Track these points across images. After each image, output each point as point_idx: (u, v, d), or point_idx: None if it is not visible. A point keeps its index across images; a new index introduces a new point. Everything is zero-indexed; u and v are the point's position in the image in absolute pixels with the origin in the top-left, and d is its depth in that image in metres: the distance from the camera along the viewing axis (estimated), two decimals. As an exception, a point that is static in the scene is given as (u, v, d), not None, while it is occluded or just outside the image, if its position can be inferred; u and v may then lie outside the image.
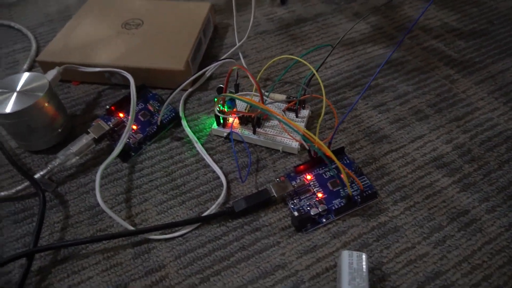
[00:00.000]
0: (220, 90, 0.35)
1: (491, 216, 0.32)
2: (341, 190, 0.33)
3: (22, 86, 0.36)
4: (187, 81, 0.36)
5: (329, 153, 0.30)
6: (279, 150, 0.37)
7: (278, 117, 0.29)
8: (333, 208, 0.32)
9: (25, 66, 0.47)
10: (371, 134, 0.38)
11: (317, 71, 0.32)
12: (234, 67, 0.30)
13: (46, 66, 0.44)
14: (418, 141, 0.38)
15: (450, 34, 0.50)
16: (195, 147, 0.38)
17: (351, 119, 0.40)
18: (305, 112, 0.39)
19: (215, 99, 0.36)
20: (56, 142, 0.38)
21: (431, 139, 0.38)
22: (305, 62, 0.33)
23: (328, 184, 0.34)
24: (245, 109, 0.38)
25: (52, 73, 0.39)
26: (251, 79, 0.31)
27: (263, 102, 0.32)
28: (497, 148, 0.37)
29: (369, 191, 0.33)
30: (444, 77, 0.44)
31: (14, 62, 0.49)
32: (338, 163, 0.30)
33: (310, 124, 0.39)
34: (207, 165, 0.37)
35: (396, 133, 0.38)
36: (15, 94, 0.35)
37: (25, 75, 0.37)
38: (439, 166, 0.36)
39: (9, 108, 0.34)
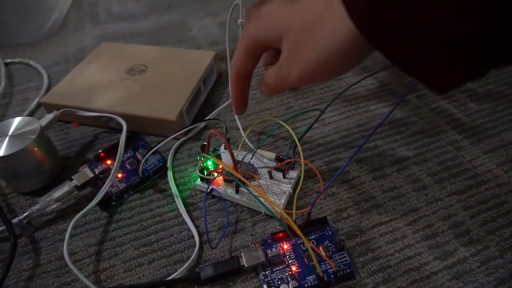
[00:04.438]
0: (203, 148, 0.34)
1: (485, 314, 0.28)
2: (312, 266, 0.31)
3: (14, 130, 0.37)
4: (172, 135, 0.36)
5: (294, 226, 0.28)
6: (261, 212, 0.35)
7: (249, 188, 0.27)
8: (305, 285, 0.30)
9: (32, 105, 0.49)
10: (361, 203, 0.36)
11: (300, 139, 0.31)
12: (211, 131, 0.29)
13: (49, 108, 0.46)
14: (412, 214, 0.35)
15: (463, 95, 0.47)
16: (175, 202, 0.37)
17: (341, 184, 0.38)
18: (293, 173, 0.37)
19: (197, 157, 0.35)
20: (44, 185, 0.39)
21: (427, 214, 0.35)
22: (288, 128, 0.32)
23: (305, 257, 0.31)
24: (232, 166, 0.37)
25: (48, 117, 0.40)
26: (226, 149, 0.30)
27: (236, 169, 0.31)
28: (501, 231, 0.33)
29: (347, 270, 0.30)
30: (450, 142, 0.41)
31: (25, 100, 0.51)
32: (304, 239, 0.28)
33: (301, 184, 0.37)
34: (184, 222, 0.35)
35: (388, 203, 0.36)
36: (7, 138, 0.36)
37: (18, 120, 0.38)
38: (432, 246, 0.32)
39: (-4, 152, 0.35)
